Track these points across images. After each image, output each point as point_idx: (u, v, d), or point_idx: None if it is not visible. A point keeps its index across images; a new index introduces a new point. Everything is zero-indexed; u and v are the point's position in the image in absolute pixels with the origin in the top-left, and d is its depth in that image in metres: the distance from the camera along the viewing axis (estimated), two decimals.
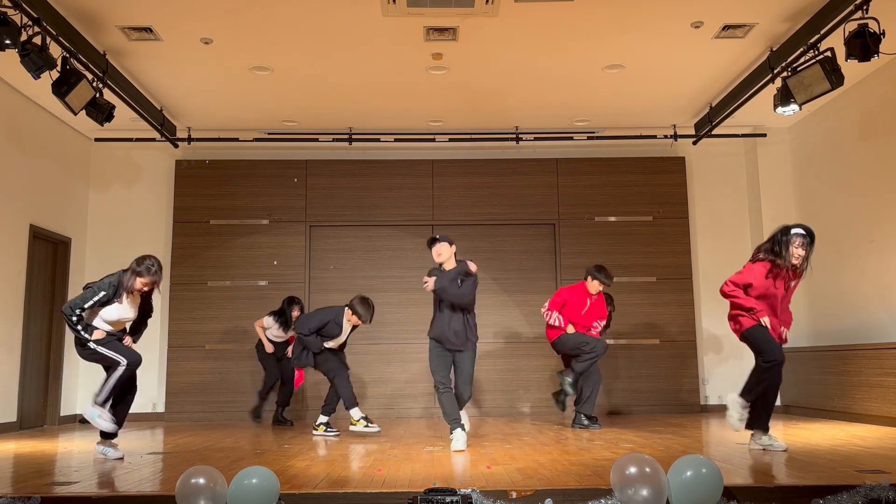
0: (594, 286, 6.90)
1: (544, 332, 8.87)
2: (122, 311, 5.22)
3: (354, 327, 6.80)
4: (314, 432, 6.71)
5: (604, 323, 7.13)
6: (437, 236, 5.72)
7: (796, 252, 4.89)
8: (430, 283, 5.55)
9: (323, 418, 6.76)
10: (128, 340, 5.35)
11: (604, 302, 7.11)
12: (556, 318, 6.90)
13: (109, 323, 5.23)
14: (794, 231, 4.92)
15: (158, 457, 5.18)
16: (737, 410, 5.06)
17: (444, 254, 5.62)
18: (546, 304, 7.03)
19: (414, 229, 9.06)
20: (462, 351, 5.57)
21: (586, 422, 6.79)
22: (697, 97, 8.01)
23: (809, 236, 4.92)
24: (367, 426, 6.53)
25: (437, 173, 9.14)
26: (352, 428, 6.57)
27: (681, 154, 9.27)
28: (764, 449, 4.99)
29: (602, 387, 7.29)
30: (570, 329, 6.87)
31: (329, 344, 6.71)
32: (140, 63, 6.94)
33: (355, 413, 6.60)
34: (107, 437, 5.21)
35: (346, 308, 6.71)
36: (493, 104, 8.10)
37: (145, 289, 5.22)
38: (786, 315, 5.19)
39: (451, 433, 5.38)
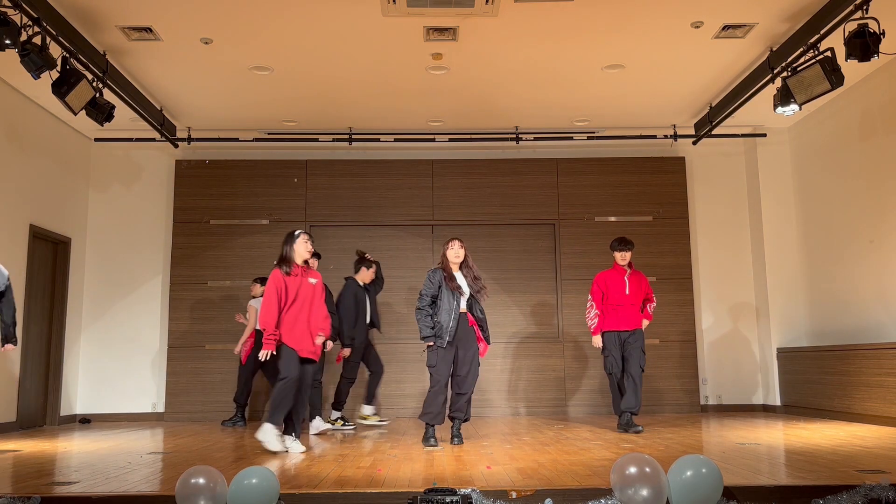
0: (617, 258, 6.63)
1: (544, 332, 8.95)
2: None
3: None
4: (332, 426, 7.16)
5: (654, 305, 6.74)
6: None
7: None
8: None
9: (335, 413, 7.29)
10: None
11: (644, 278, 6.73)
12: (591, 319, 6.61)
13: None
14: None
15: (158, 457, 5.18)
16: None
17: None
18: (589, 299, 6.67)
19: (414, 229, 9.07)
20: None
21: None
22: (697, 97, 8.01)
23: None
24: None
25: (437, 173, 9.14)
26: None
27: (681, 154, 9.28)
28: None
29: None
30: (596, 341, 6.61)
31: None
32: (140, 63, 6.94)
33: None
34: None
35: None
36: (493, 104, 8.10)
37: None
38: None
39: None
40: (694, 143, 8.98)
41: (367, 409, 7.58)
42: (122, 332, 8.87)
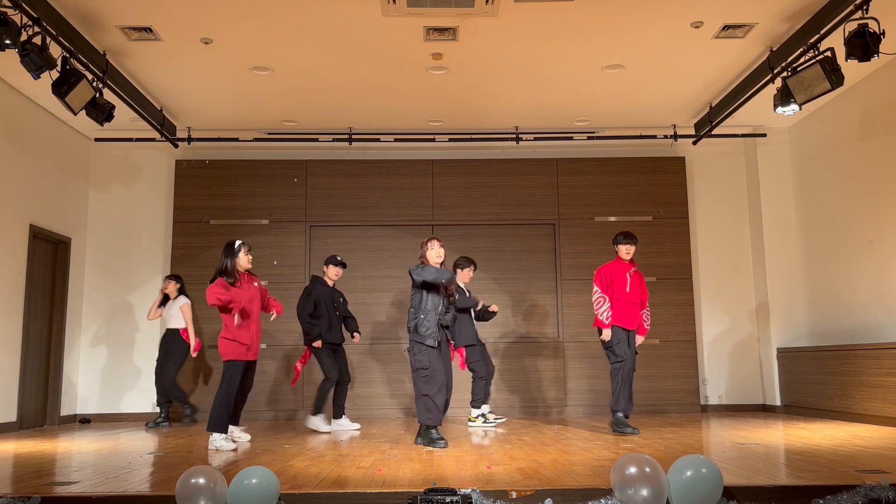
0: (622, 251, 6.52)
1: (544, 332, 8.95)
2: None
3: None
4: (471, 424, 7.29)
5: (647, 311, 6.66)
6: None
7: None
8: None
9: (475, 411, 7.33)
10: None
11: (644, 281, 6.65)
12: (606, 311, 6.40)
13: None
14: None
15: (158, 457, 5.18)
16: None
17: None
18: (597, 291, 6.45)
19: (414, 229, 9.06)
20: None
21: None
22: (697, 97, 8.01)
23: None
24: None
25: (437, 173, 9.14)
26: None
27: (681, 154, 9.28)
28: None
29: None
30: (607, 334, 6.41)
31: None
32: (140, 63, 6.94)
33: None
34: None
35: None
36: (493, 104, 8.10)
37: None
38: None
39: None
40: (694, 143, 8.98)
41: (475, 412, 7.34)
42: (122, 332, 8.87)
